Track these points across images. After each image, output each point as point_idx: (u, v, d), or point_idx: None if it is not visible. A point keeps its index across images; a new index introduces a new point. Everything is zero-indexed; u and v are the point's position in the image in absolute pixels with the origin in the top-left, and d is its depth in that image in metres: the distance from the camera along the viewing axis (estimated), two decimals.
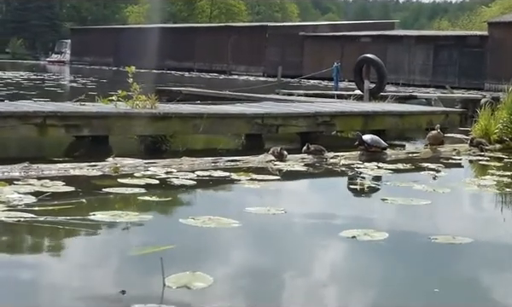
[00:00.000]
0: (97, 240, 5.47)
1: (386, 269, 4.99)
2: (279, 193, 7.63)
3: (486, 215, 7.18)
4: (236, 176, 8.41)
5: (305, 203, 7.43)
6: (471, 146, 12.02)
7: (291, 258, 5.11)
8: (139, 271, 4.68)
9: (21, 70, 52.64)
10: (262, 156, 9.81)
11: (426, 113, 13.77)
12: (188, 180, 8.02)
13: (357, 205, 7.37)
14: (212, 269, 4.67)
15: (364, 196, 7.81)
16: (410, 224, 6.50)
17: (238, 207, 6.72)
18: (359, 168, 9.55)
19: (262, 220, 6.29)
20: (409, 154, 11.18)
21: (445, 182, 8.70)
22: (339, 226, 6.02)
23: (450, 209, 7.29)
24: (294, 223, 6.32)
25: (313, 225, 6.29)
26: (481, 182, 8.79)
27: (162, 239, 5.51)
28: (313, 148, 10.22)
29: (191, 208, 6.76)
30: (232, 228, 5.85)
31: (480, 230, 6.23)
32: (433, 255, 5.43)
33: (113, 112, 10.12)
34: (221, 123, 10.99)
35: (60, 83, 33.59)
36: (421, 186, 8.28)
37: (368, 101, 15.92)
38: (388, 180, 8.75)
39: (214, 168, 8.96)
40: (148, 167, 8.72)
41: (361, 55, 17.73)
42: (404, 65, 54.07)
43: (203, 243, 5.50)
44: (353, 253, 5.38)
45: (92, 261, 4.90)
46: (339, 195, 8.07)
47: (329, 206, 7.28)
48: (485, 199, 7.96)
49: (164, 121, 10.39)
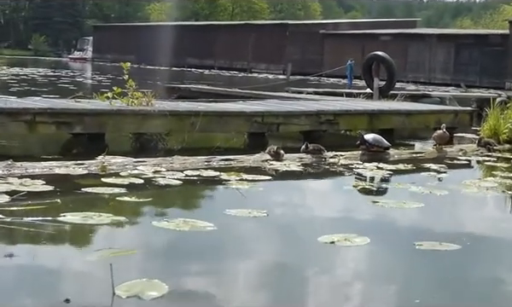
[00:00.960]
0: (57, 243, 5.19)
1: (358, 278, 4.67)
2: (267, 194, 7.31)
3: (479, 219, 6.82)
4: (227, 175, 8.11)
5: (291, 205, 7.12)
6: (479, 146, 11.66)
7: (256, 267, 4.79)
8: (92, 278, 4.39)
9: (42, 67, 52.69)
10: (258, 155, 9.52)
11: (434, 112, 13.39)
12: (174, 180, 7.73)
13: (346, 208, 7.04)
14: (171, 276, 4.38)
15: (355, 198, 7.49)
16: (396, 229, 6.17)
17: (219, 209, 6.42)
18: (358, 168, 9.23)
19: (240, 223, 5.99)
20: (413, 154, 10.84)
21: (445, 184, 8.37)
22: (320, 230, 5.69)
23: (442, 213, 6.94)
24: (273, 226, 6.01)
25: (292, 229, 5.97)
26: (483, 184, 8.44)
27: (128, 242, 5.23)
28: (312, 148, 9.92)
29: (169, 210, 6.46)
30: (205, 232, 5.56)
31: (469, 236, 5.87)
32: (413, 263, 5.11)
33: (105, 110, 9.86)
34: (219, 121, 10.69)
35: (75, 80, 33.42)
36: (418, 188, 7.96)
37: (377, 100, 15.55)
38: (385, 181, 8.43)
39: (207, 167, 8.67)
40: (137, 166, 8.45)
41: (370, 53, 17.36)
42: (425, 63, 53.56)
43: (169, 248, 5.21)
44: (326, 260, 5.06)
45: (44, 265, 4.62)
46: (329, 197, 7.75)
47: (316, 209, 6.95)
48: (482, 202, 7.62)
49: (159, 119, 10.12)
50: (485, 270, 5.00)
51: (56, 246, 5.16)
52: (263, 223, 6.04)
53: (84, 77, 39.05)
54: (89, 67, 66.92)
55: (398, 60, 54.16)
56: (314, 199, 7.58)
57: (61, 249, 5.10)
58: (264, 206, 6.57)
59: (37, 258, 4.73)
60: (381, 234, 5.83)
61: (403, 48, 55.24)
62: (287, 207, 6.96)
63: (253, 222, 6.05)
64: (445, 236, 5.76)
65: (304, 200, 7.43)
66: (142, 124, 10.01)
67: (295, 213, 6.66)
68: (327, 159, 9.79)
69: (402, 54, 54.94)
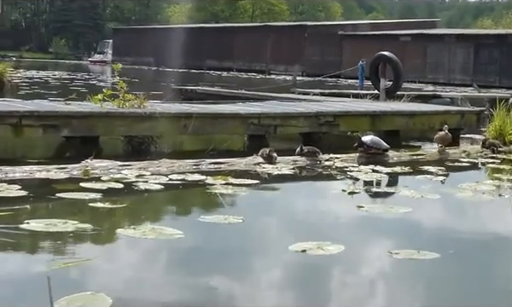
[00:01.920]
0: (11, 252, 4.93)
1: (321, 290, 4.37)
2: (249, 199, 7.03)
3: (465, 226, 6.49)
4: (212, 180, 7.83)
5: (270, 210, 6.83)
6: (483, 147, 11.31)
7: (213, 281, 4.50)
8: (34, 290, 4.13)
9: (60, 70, 52.60)
10: (250, 158, 9.25)
11: (439, 113, 13.03)
12: (156, 184, 7.47)
13: (328, 214, 6.75)
14: (119, 289, 4.12)
15: (341, 203, 7.18)
16: (375, 236, 5.86)
17: (194, 215, 6.19)
18: (352, 171, 8.92)
19: (211, 231, 5.72)
20: (413, 157, 10.50)
21: (439, 187, 8.07)
22: (293, 238, 5.40)
23: (428, 218, 6.62)
24: (245, 234, 5.73)
25: (265, 237, 5.69)
26: (480, 187, 8.11)
27: (86, 251, 4.96)
28: (307, 150, 9.63)
29: (139, 216, 6.18)
30: (170, 241, 5.29)
31: (451, 244, 5.56)
32: (384, 273, 4.80)
33: (94, 112, 9.62)
34: (213, 123, 10.42)
35: (88, 83, 33.24)
36: (410, 191, 7.65)
37: (384, 101, 15.22)
38: (377, 184, 8.11)
39: (194, 171, 8.41)
40: (122, 170, 8.21)
41: (377, 53, 17.02)
42: (445, 64, 53.01)
43: (128, 257, 4.94)
44: (292, 271, 4.77)
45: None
46: (312, 202, 7.44)
47: (295, 215, 6.66)
48: (473, 207, 7.29)
49: (150, 121, 9.86)
50: (459, 282, 4.69)
51: (9, 254, 4.90)
52: (235, 230, 5.76)
53: (98, 79, 38.85)
54: (108, 70, 66.73)
55: (417, 60, 54.02)
56: (297, 204, 7.28)
57: (12, 258, 4.85)
58: (242, 212, 6.31)
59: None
60: (357, 242, 5.54)
61: (422, 48, 54.77)
62: (266, 213, 6.68)
63: (226, 229, 5.78)
64: (426, 244, 5.46)
65: (286, 206, 7.13)
66: (132, 126, 9.76)
67: (273, 219, 6.38)
68: (322, 162, 9.50)
69: (421, 54, 54.53)
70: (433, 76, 52.48)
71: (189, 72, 59.62)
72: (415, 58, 54.13)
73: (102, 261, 4.77)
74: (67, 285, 4.10)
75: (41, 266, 4.54)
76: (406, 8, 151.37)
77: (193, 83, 29.82)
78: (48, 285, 3.79)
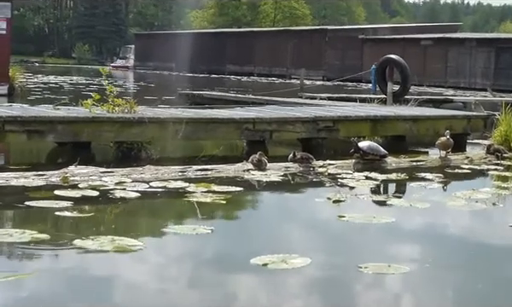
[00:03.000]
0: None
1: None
2: (226, 208, 6.72)
3: (446, 239, 6.13)
4: (194, 187, 7.54)
5: (245, 220, 6.54)
6: (488, 153, 10.91)
7: (160, 296, 4.20)
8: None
9: (81, 75, 52.47)
10: (240, 164, 8.94)
11: (444, 118, 12.64)
12: (134, 192, 7.19)
13: (303, 224, 6.43)
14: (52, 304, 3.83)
15: (322, 212, 6.87)
16: (347, 248, 5.53)
17: (162, 225, 5.88)
18: (345, 178, 8.58)
19: (174, 241, 5.44)
20: (413, 163, 10.13)
21: (431, 196, 7.72)
22: (259, 250, 5.09)
23: (409, 229, 6.28)
24: (209, 245, 5.43)
25: (229, 249, 5.38)
26: (475, 196, 7.75)
27: (34, 264, 4.69)
28: (299, 156, 9.31)
29: (104, 226, 5.90)
30: (127, 253, 5.00)
31: (427, 258, 5.23)
32: (347, 288, 4.48)
33: (79, 117, 9.35)
34: (205, 128, 10.13)
35: (103, 88, 33.04)
36: (400, 200, 7.33)
37: (391, 105, 14.85)
38: (367, 192, 7.76)
39: (178, 178, 8.12)
40: (103, 177, 7.93)
41: (384, 56, 16.64)
42: (466, 68, 52.35)
43: (74, 271, 4.65)
44: (246, 287, 4.45)
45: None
46: (292, 211, 7.13)
47: (270, 225, 6.34)
48: (460, 217, 6.93)
49: (140, 127, 9.59)
50: (426, 298, 4.36)
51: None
52: (200, 241, 5.47)
53: (115, 84, 38.67)
54: (130, 75, 66.68)
55: (438, 65, 53.47)
56: (275, 213, 6.97)
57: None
58: (214, 222, 6.04)
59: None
60: (326, 254, 5.22)
61: (443, 53, 54.17)
62: (239, 223, 6.38)
63: (191, 239, 5.49)
64: (399, 257, 5.14)
65: (262, 215, 6.84)
66: (120, 132, 9.48)
67: (244, 230, 6.08)
68: (315, 169, 9.17)
69: (442, 59, 53.96)
70: (454, 80, 51.88)
71: (209, 78, 59.35)
72: (436, 62, 53.64)
73: (46, 275, 4.49)
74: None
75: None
76: (430, 12, 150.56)
77: (209, 89, 29.63)
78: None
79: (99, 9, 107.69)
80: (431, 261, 5.14)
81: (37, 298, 4.06)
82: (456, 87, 48.89)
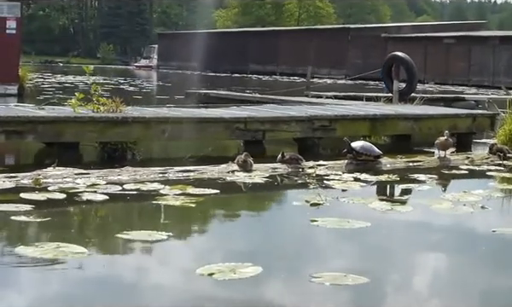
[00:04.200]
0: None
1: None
2: (193, 211, 6.38)
3: (417, 245, 5.73)
4: (168, 189, 7.22)
5: (209, 225, 6.21)
6: (490, 153, 10.47)
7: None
8: None
9: (102, 75, 52.29)
10: (224, 165, 8.59)
11: (448, 117, 12.21)
12: (103, 195, 6.87)
13: (270, 229, 6.08)
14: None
15: (294, 216, 6.51)
16: (306, 256, 5.15)
17: (117, 231, 5.54)
18: (332, 180, 8.21)
19: (124, 248, 5.11)
20: (409, 163, 9.72)
21: (418, 198, 7.36)
22: (210, 258, 4.75)
23: (380, 236, 5.89)
24: (160, 252, 5.10)
25: (180, 256, 5.05)
26: (464, 198, 7.36)
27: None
28: (288, 157, 8.94)
29: (54, 232, 5.57)
30: (68, 260, 4.68)
31: (391, 268, 4.85)
32: (293, 301, 4.12)
33: (61, 117, 9.07)
34: (193, 128, 9.79)
35: (117, 88, 32.84)
36: (382, 203, 6.94)
37: (397, 103, 14.44)
38: (350, 195, 7.38)
39: (156, 179, 7.79)
40: (77, 179, 7.63)
41: (390, 54, 16.22)
42: (489, 66, 51.65)
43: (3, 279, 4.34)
44: (180, 298, 4.11)
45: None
46: (263, 215, 6.80)
47: (231, 231, 6.01)
48: (439, 222, 6.53)
49: (124, 126, 9.28)
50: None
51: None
52: (152, 248, 5.14)
53: (132, 84, 38.33)
54: (154, 75, 66.59)
55: (461, 63, 52.82)
56: (243, 218, 6.63)
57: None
58: (175, 227, 5.72)
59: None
60: (282, 263, 4.86)
61: (466, 51, 53.49)
62: (200, 228, 6.05)
63: (142, 246, 5.16)
64: (361, 266, 4.77)
65: (228, 220, 6.49)
66: (103, 132, 9.18)
67: (203, 236, 5.75)
68: (304, 170, 8.81)
69: (465, 57, 53.31)
70: (477, 79, 51.19)
71: (231, 77, 59.07)
72: (459, 61, 53.03)
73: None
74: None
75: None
76: (457, 11, 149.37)
77: (226, 88, 29.33)
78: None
79: (123, 9, 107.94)
80: (393, 271, 4.76)
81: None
82: (479, 85, 48.20)
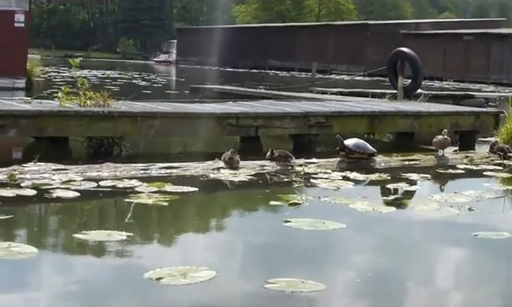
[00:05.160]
0: None
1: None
2: (162, 211, 6.13)
3: (389, 250, 5.44)
4: (145, 187, 6.98)
5: (174, 225, 5.96)
6: (491, 152, 10.16)
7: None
8: None
9: (119, 69, 52.26)
10: (210, 162, 8.34)
11: (450, 114, 11.88)
12: (76, 192, 6.64)
13: (236, 231, 5.82)
14: None
15: (268, 217, 6.27)
16: (268, 259, 4.90)
17: (76, 230, 5.31)
18: (321, 178, 7.95)
19: (78, 249, 4.89)
20: (405, 162, 9.44)
21: (404, 198, 7.09)
22: (166, 261, 4.51)
23: (352, 239, 5.61)
24: (113, 254, 4.85)
25: (130, 259, 4.80)
26: (453, 199, 7.08)
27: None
28: (277, 154, 8.67)
29: (12, 230, 5.34)
30: (14, 260, 4.46)
31: (353, 274, 4.58)
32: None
33: (44, 111, 8.85)
34: (182, 124, 9.54)
35: (130, 83, 32.67)
36: (364, 203, 6.65)
37: (401, 100, 14.11)
38: (333, 195, 7.10)
39: (136, 176, 7.56)
40: (55, 174, 7.41)
41: (394, 49, 15.87)
42: (509, 64, 51.03)
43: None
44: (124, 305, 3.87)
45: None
46: (236, 216, 6.55)
47: (197, 232, 5.76)
48: (421, 225, 6.26)
49: (110, 121, 9.05)
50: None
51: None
52: (105, 249, 4.90)
53: (145, 79, 38.06)
54: (173, 70, 66.44)
55: (480, 61, 52.21)
56: (213, 218, 6.38)
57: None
58: (137, 227, 5.48)
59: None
60: (240, 267, 4.61)
61: (485, 48, 52.85)
62: (164, 229, 5.81)
63: (96, 247, 4.92)
64: (322, 271, 4.51)
65: (197, 220, 6.25)
66: (89, 127, 8.95)
67: (164, 238, 5.49)
68: (294, 167, 8.54)
69: (485, 54, 52.67)
70: (496, 76, 50.56)
71: (249, 72, 58.80)
72: (478, 58, 52.42)
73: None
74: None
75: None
76: (479, 8, 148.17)
77: (238, 84, 29.03)
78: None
79: (144, 4, 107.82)
80: (353, 279, 4.49)
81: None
82: (498, 83, 47.63)
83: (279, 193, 6.99)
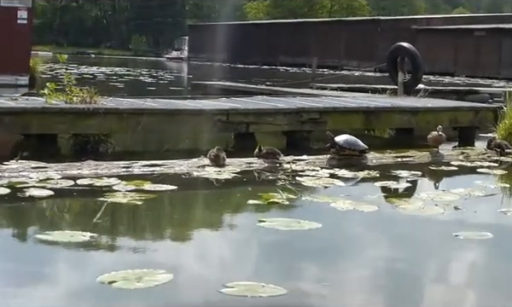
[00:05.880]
0: None
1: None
2: (134, 210, 5.95)
3: (361, 251, 5.22)
4: (123, 185, 6.80)
5: (142, 226, 5.77)
6: (488, 149, 9.91)
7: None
8: None
9: (132, 66, 52.15)
10: (195, 160, 8.15)
11: (448, 110, 11.65)
12: (50, 190, 6.47)
13: (205, 232, 5.62)
14: None
15: (241, 217, 6.09)
16: (230, 262, 4.70)
17: (41, 230, 5.15)
18: (308, 176, 7.74)
19: (36, 250, 4.72)
20: (398, 159, 9.22)
21: (389, 197, 6.86)
22: (124, 263, 4.32)
23: (325, 240, 5.40)
24: (69, 255, 4.68)
25: (87, 261, 4.61)
26: (440, 198, 6.86)
27: None
28: (265, 151, 8.47)
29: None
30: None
31: (315, 278, 4.38)
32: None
33: (27, 108, 8.69)
34: (170, 120, 9.37)
35: (135, 80, 32.53)
36: (346, 202, 6.44)
37: (402, 95, 13.88)
38: (316, 193, 6.90)
39: (116, 174, 7.38)
40: (32, 172, 7.24)
41: (394, 44, 15.66)
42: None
43: None
44: None
45: None
46: (204, 216, 6.34)
47: (163, 233, 5.57)
48: (400, 225, 6.05)
49: (95, 118, 8.88)
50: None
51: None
52: (63, 251, 4.72)
53: (153, 76, 37.87)
54: (185, 67, 66.31)
55: (491, 56, 51.82)
56: (185, 218, 6.19)
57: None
58: (105, 227, 5.30)
59: None
60: (198, 269, 4.42)
61: (497, 44, 52.50)
62: (130, 230, 5.63)
63: (55, 248, 4.75)
64: (288, 275, 4.31)
65: (168, 220, 6.06)
66: (74, 124, 8.80)
67: (129, 238, 5.30)
68: (282, 165, 8.34)
69: (496, 50, 52.34)
70: (508, 72, 50.12)
71: (259, 69, 58.61)
72: (489, 53, 52.05)
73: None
74: None
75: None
76: (493, 4, 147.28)
77: (246, 80, 28.84)
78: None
79: (156, 1, 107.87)
80: (317, 283, 4.29)
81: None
82: (510, 79, 47.22)
83: (261, 191, 6.76)
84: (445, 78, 46.74)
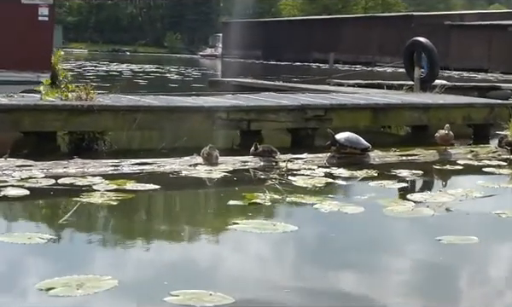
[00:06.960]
0: None
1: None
2: (107, 211, 5.74)
3: (331, 257, 4.93)
4: (104, 185, 6.61)
5: (103, 229, 5.55)
6: (499, 147, 9.56)
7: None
8: None
9: (165, 64, 52.06)
10: (187, 158, 7.93)
11: (461, 106, 11.28)
12: (27, 190, 6.29)
13: (171, 235, 5.37)
14: None
15: (217, 218, 5.82)
16: (185, 268, 4.46)
17: (2, 230, 4.94)
18: (303, 175, 7.48)
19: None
20: (402, 157, 8.91)
21: (380, 197, 6.56)
22: (63, 270, 4.10)
23: (296, 245, 5.12)
24: (14, 259, 4.47)
25: (31, 266, 4.41)
26: (435, 198, 6.56)
27: None
28: (261, 149, 8.21)
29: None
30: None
31: (269, 287, 4.12)
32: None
33: (20, 105, 8.53)
34: (169, 118, 9.15)
35: (161, 76, 32.41)
36: (332, 203, 6.17)
37: (418, 92, 13.50)
38: (303, 193, 6.62)
39: (103, 173, 7.18)
40: (16, 171, 7.08)
41: (411, 39, 15.27)
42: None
43: None
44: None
45: None
46: (178, 218, 6.11)
47: (127, 236, 5.34)
48: (381, 228, 5.75)
49: (90, 115, 8.69)
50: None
51: None
52: (14, 254, 4.51)
53: (181, 72, 37.74)
54: (219, 64, 66.17)
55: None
56: (156, 219, 5.97)
57: None
58: (67, 229, 5.10)
59: None
60: (147, 276, 4.17)
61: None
62: (93, 232, 5.41)
63: (5, 252, 4.54)
64: (242, 284, 4.06)
65: (138, 222, 5.83)
66: (68, 121, 8.63)
67: (88, 241, 5.07)
68: (278, 163, 8.08)
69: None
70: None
71: (292, 66, 58.25)
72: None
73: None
74: None
75: None
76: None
77: (275, 77, 28.55)
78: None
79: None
80: (270, 292, 4.03)
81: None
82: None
83: (247, 191, 6.51)
84: (479, 74, 46.02)
